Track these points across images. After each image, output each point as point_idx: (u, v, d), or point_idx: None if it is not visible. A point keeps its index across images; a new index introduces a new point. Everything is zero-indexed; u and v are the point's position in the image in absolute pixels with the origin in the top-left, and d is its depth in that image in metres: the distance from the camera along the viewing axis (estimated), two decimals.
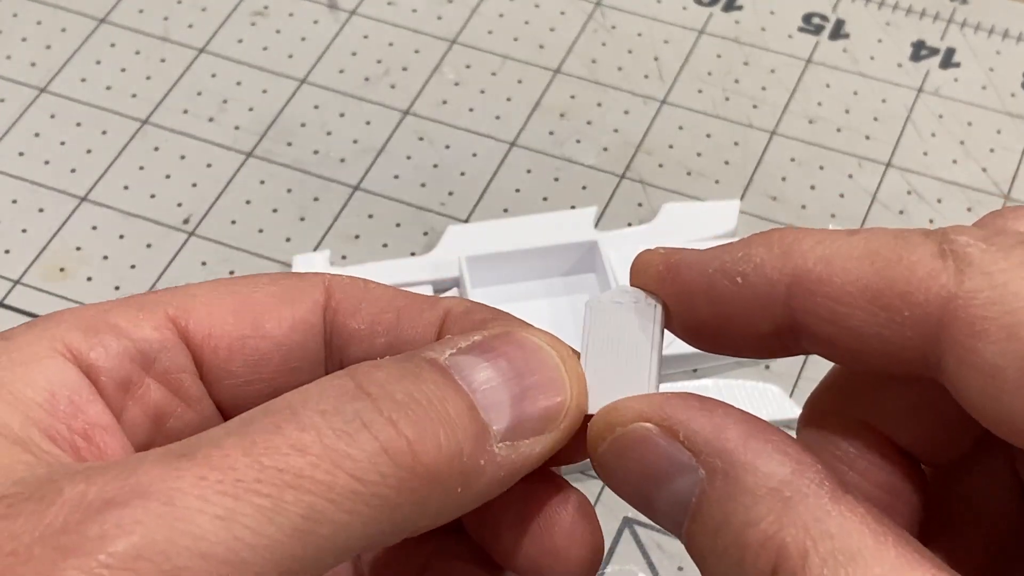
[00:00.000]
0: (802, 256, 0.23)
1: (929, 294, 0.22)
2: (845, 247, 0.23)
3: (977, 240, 0.23)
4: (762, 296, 0.24)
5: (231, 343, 0.26)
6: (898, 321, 0.23)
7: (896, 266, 0.23)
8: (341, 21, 0.55)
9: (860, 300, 0.23)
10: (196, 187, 0.50)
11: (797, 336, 0.24)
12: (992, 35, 0.55)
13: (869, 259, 0.23)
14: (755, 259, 0.24)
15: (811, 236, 0.24)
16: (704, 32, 0.55)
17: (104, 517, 0.20)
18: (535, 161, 0.51)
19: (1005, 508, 0.25)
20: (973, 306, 0.22)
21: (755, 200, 0.50)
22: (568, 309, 0.46)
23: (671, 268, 0.25)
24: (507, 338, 0.25)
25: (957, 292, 0.22)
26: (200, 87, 0.53)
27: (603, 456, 0.24)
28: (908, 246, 0.23)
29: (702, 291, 0.24)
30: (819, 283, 0.23)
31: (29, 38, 0.54)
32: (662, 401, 0.24)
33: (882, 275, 0.23)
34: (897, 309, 0.23)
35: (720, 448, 0.23)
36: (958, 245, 0.23)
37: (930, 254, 0.23)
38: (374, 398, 0.22)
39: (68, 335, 0.24)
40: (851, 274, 0.23)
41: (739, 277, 0.24)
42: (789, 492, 0.22)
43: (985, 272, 0.22)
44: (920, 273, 0.23)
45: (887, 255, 0.23)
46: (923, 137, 0.52)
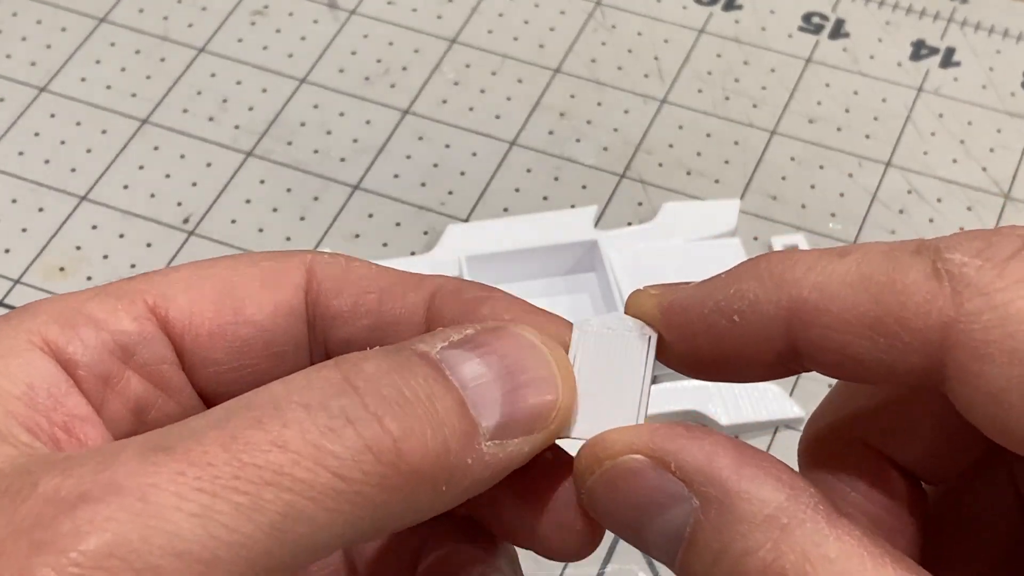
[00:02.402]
0: (796, 285, 0.23)
1: (928, 319, 0.22)
2: (838, 272, 0.23)
3: (971, 257, 0.22)
4: (761, 331, 0.23)
5: (212, 331, 0.25)
6: (899, 347, 0.22)
7: (891, 291, 0.22)
8: (341, 20, 0.55)
9: (859, 328, 0.23)
10: (196, 186, 0.50)
11: (799, 361, 0.24)
12: (992, 34, 0.55)
13: (863, 285, 0.23)
14: (748, 295, 0.23)
15: (802, 262, 0.23)
16: (704, 31, 0.55)
17: (77, 513, 0.19)
18: (535, 161, 0.51)
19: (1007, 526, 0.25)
20: (975, 330, 0.22)
21: (755, 199, 0.50)
22: (568, 309, 0.46)
23: (666, 312, 0.25)
24: (500, 333, 0.25)
25: (957, 316, 0.22)
26: (200, 86, 0.53)
27: (592, 489, 0.24)
28: (901, 268, 0.23)
29: (701, 333, 0.24)
30: (816, 313, 0.23)
31: (29, 37, 0.54)
32: (651, 432, 0.23)
33: (878, 302, 0.22)
34: (897, 335, 0.22)
35: (713, 476, 0.22)
36: (952, 264, 0.22)
37: (924, 275, 0.22)
38: (360, 392, 0.22)
39: (45, 328, 0.24)
40: (847, 302, 0.23)
41: (736, 316, 0.24)
42: (786, 518, 0.22)
43: (983, 293, 0.22)
44: (917, 298, 0.22)
45: (881, 279, 0.23)
46: (923, 136, 0.52)
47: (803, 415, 0.44)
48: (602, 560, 0.41)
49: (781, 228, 0.49)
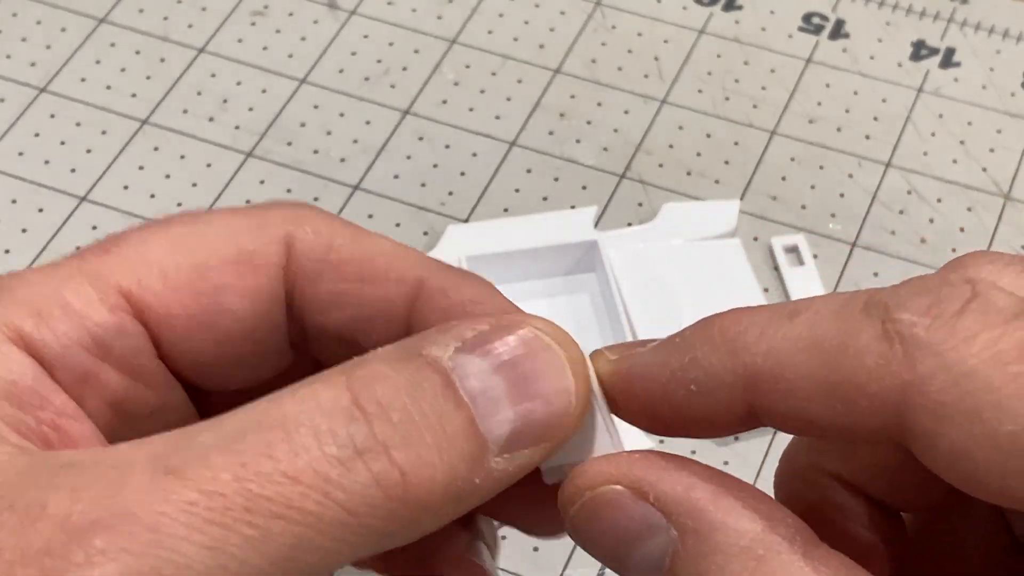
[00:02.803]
0: (748, 353, 0.23)
1: (883, 383, 0.22)
2: (789, 338, 0.23)
3: (920, 316, 0.22)
4: (719, 399, 0.23)
5: (189, 321, 0.25)
6: (857, 412, 0.22)
7: (844, 356, 0.22)
8: (341, 21, 0.55)
9: (815, 395, 0.23)
10: (196, 187, 0.50)
11: (760, 420, 0.24)
12: (992, 35, 0.55)
13: (815, 351, 0.23)
14: (703, 364, 0.23)
15: (754, 326, 0.23)
16: (704, 32, 0.55)
17: (89, 542, 0.19)
18: (535, 161, 0.51)
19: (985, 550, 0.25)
20: (930, 391, 0.22)
21: (755, 200, 0.50)
22: (568, 309, 0.46)
23: (623, 380, 0.25)
24: (512, 333, 0.24)
25: (911, 379, 0.22)
26: (200, 87, 0.53)
27: (575, 519, 0.24)
28: (851, 330, 0.22)
29: (659, 401, 0.24)
30: (772, 381, 0.23)
31: (29, 38, 0.54)
32: (630, 462, 0.23)
33: (831, 368, 0.22)
34: (853, 401, 0.22)
35: (690, 508, 0.23)
36: (902, 325, 0.22)
37: (875, 338, 0.22)
38: (370, 418, 0.22)
39: (20, 322, 0.23)
40: (800, 369, 0.23)
41: (692, 385, 0.24)
42: (762, 549, 0.22)
43: (935, 353, 0.22)
44: (869, 362, 0.22)
45: (832, 343, 0.22)
46: (923, 137, 0.52)
47: None
48: None
49: (781, 228, 0.49)
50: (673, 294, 0.46)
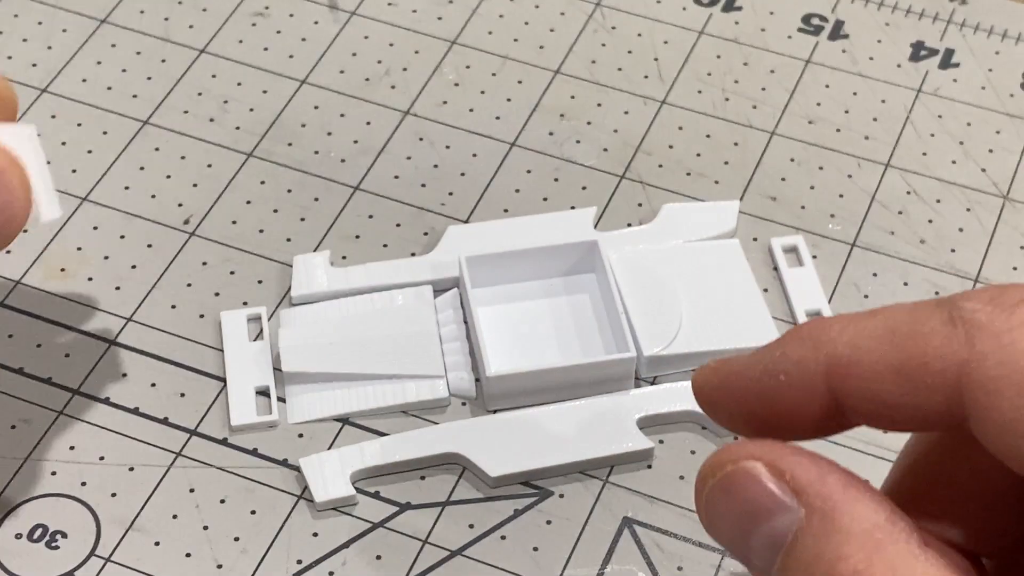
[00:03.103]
0: (831, 343, 0.26)
1: (945, 361, 0.25)
2: (867, 329, 0.26)
3: (983, 304, 0.25)
4: (805, 387, 0.26)
5: None
6: (923, 389, 0.25)
7: (913, 339, 0.25)
8: (341, 22, 0.55)
9: (887, 375, 0.25)
10: (197, 187, 0.50)
11: (843, 414, 0.26)
12: (991, 35, 0.55)
13: (889, 337, 0.26)
14: (792, 356, 0.27)
15: (837, 323, 0.27)
16: (704, 33, 0.55)
17: None
18: (535, 161, 0.51)
19: None
20: (985, 367, 0.24)
21: (755, 200, 0.50)
22: (568, 309, 0.46)
23: (721, 377, 0.28)
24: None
25: (969, 356, 0.25)
26: (201, 87, 0.53)
27: (711, 492, 0.26)
28: (921, 319, 0.25)
29: (752, 395, 0.27)
30: (850, 366, 0.26)
31: (30, 38, 0.55)
32: (772, 446, 0.26)
33: (902, 350, 0.25)
34: (920, 378, 0.25)
35: (822, 490, 0.25)
36: (966, 311, 0.25)
37: (941, 322, 0.25)
38: None
39: None
40: (875, 353, 0.26)
41: (782, 375, 0.27)
42: (881, 535, 0.24)
43: (992, 334, 0.24)
44: (934, 343, 0.25)
45: (904, 330, 0.25)
46: (922, 137, 0.52)
47: None
48: (602, 560, 0.41)
49: (781, 229, 0.49)
50: (673, 294, 0.46)
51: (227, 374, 0.45)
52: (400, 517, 0.42)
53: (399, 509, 0.42)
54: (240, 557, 0.41)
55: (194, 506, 0.42)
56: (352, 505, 0.42)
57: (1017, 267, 0.48)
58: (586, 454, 0.43)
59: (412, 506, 0.42)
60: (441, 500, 0.42)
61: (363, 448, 0.43)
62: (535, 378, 0.43)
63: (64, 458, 0.43)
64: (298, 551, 0.41)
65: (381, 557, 0.41)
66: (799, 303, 0.47)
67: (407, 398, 0.44)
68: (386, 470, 0.43)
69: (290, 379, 0.44)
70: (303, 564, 0.41)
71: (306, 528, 0.42)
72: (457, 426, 0.43)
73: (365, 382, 0.44)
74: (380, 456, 0.43)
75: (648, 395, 0.44)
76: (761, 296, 0.47)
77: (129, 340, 0.46)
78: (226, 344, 0.45)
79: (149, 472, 0.43)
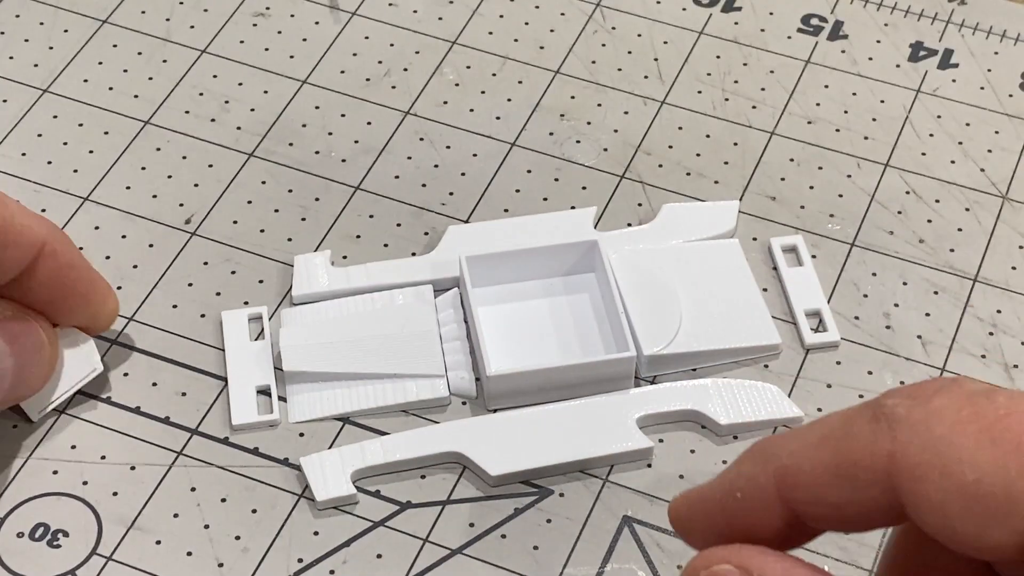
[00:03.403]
0: (777, 457, 0.28)
1: (874, 456, 0.27)
2: (806, 438, 0.28)
3: (902, 398, 0.27)
4: (760, 501, 0.28)
5: None
6: (860, 485, 0.27)
7: (844, 440, 0.27)
8: (342, 22, 0.56)
9: (826, 478, 0.27)
10: (198, 187, 0.50)
11: (802, 522, 0.28)
12: (990, 36, 0.55)
13: (824, 442, 0.28)
14: (746, 474, 0.29)
15: (782, 438, 0.29)
16: (703, 33, 0.55)
17: None
18: (535, 161, 0.51)
19: None
20: (908, 455, 0.26)
21: (754, 200, 0.50)
22: (568, 309, 0.46)
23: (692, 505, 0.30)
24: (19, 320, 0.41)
25: (893, 448, 0.26)
26: (202, 88, 0.53)
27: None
28: (850, 421, 0.28)
29: (720, 514, 0.29)
30: (795, 475, 0.28)
31: (32, 39, 0.55)
32: (741, 550, 0.28)
33: (836, 452, 0.27)
34: (854, 475, 0.27)
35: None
36: (887, 407, 0.27)
37: (866, 421, 0.27)
38: None
39: None
40: (814, 460, 0.28)
41: (738, 492, 0.29)
42: None
43: (911, 424, 0.26)
44: (862, 440, 0.27)
45: (837, 434, 0.28)
46: (921, 137, 0.52)
47: (801, 415, 0.44)
48: (602, 559, 0.41)
49: (780, 229, 0.49)
50: (673, 294, 0.46)
51: (228, 373, 0.45)
52: (400, 516, 0.42)
53: (399, 508, 0.42)
54: (241, 556, 0.41)
55: (195, 505, 0.42)
56: (353, 504, 0.42)
57: (1016, 267, 0.48)
58: (586, 453, 0.43)
59: (412, 505, 0.42)
60: (441, 499, 0.42)
61: (364, 447, 0.43)
62: (535, 378, 0.43)
63: (65, 457, 0.43)
64: (299, 550, 0.41)
65: (382, 556, 0.41)
66: (798, 303, 0.47)
67: (407, 397, 0.44)
68: (386, 469, 0.43)
69: (291, 378, 0.45)
70: (304, 563, 0.41)
71: (307, 527, 0.42)
72: (457, 425, 0.44)
73: (365, 381, 0.44)
74: (380, 455, 0.43)
75: (648, 394, 0.44)
76: (760, 296, 0.47)
77: (130, 339, 0.46)
78: (227, 343, 0.45)
79: (150, 471, 0.43)
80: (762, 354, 0.46)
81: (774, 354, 0.46)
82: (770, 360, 0.46)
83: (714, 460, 0.43)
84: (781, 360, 0.46)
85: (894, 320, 0.47)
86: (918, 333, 0.46)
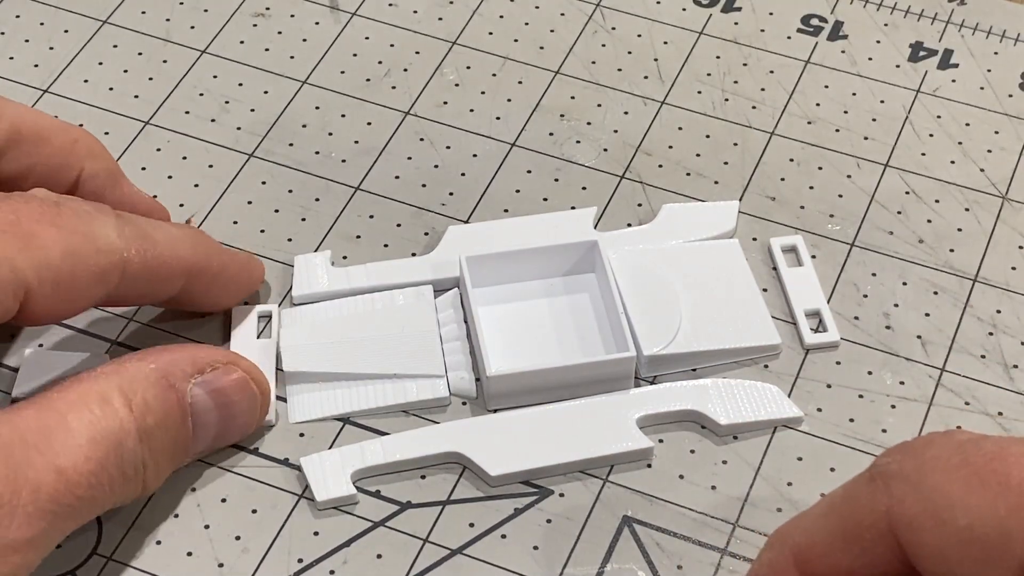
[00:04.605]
0: (791, 536, 0.31)
1: (874, 515, 0.28)
2: (814, 514, 0.30)
3: (895, 456, 0.28)
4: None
5: None
6: (867, 545, 0.28)
7: (846, 506, 0.29)
8: (342, 22, 0.56)
9: (837, 544, 0.29)
10: (198, 187, 0.50)
11: None
12: (990, 36, 0.55)
13: (830, 512, 0.30)
14: (768, 562, 0.31)
15: (796, 520, 0.31)
16: (703, 33, 0.55)
17: None
18: (535, 161, 0.51)
19: None
20: (904, 507, 0.27)
21: (754, 200, 0.50)
22: (568, 309, 0.46)
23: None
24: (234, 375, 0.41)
25: (890, 503, 0.28)
26: (202, 88, 0.53)
27: None
28: (851, 488, 0.29)
29: None
30: (809, 549, 0.30)
31: (32, 39, 0.55)
32: None
33: (841, 519, 0.29)
34: (860, 536, 0.28)
35: None
36: (881, 466, 0.29)
37: (864, 483, 0.29)
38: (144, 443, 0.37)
39: None
40: (823, 532, 0.29)
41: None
42: None
43: (905, 479, 0.28)
44: (862, 502, 0.28)
45: (840, 502, 0.29)
46: (921, 138, 0.52)
47: (801, 415, 0.44)
48: (602, 559, 0.41)
49: (780, 229, 0.49)
50: (673, 294, 0.46)
51: None
52: (401, 516, 0.42)
53: (400, 508, 0.42)
54: (241, 556, 0.41)
55: (195, 505, 0.42)
56: (353, 504, 0.42)
57: (1016, 267, 0.48)
58: (586, 453, 0.43)
59: (412, 505, 0.42)
60: (441, 499, 0.42)
61: (364, 447, 0.43)
62: (535, 378, 0.44)
63: None
64: (299, 550, 0.41)
65: (382, 556, 0.41)
66: (798, 303, 0.47)
67: (408, 398, 0.44)
68: (387, 469, 0.43)
69: (291, 379, 0.45)
70: (304, 563, 0.41)
71: (307, 527, 0.42)
72: (457, 425, 0.44)
73: (366, 382, 0.44)
74: (381, 455, 0.43)
75: (648, 395, 0.44)
76: (760, 296, 0.47)
77: (131, 340, 0.46)
78: (233, 343, 0.45)
79: None
80: (762, 354, 0.46)
81: (774, 354, 0.46)
82: (770, 360, 0.46)
83: (714, 460, 0.43)
84: (781, 360, 0.46)
85: (894, 320, 0.47)
86: (918, 333, 0.46)
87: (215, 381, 0.40)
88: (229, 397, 0.40)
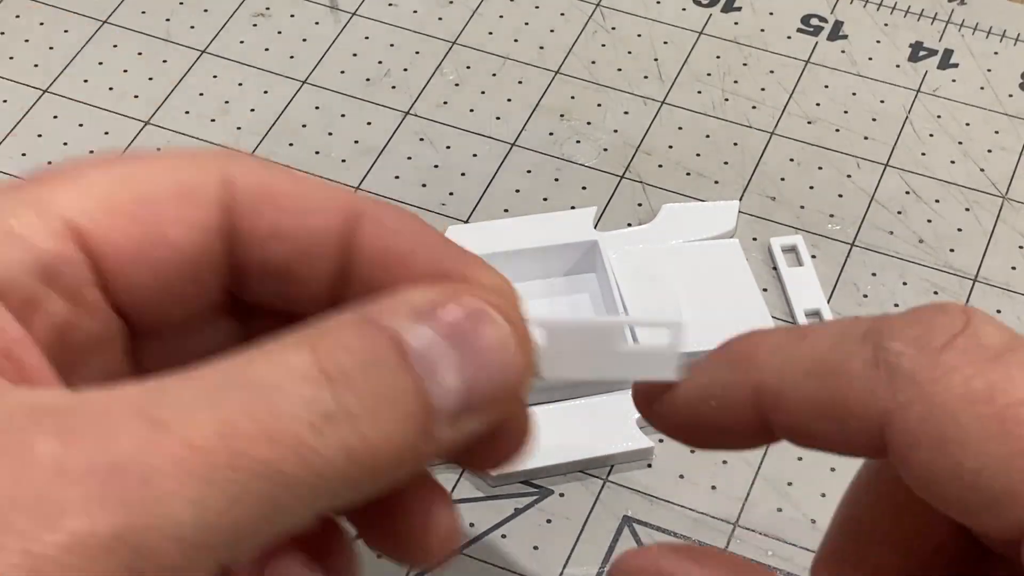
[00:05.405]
0: (758, 371, 0.26)
1: (868, 408, 0.24)
2: (794, 359, 0.26)
3: (907, 346, 0.24)
4: (735, 413, 0.27)
5: (130, 251, 0.26)
6: (848, 430, 0.25)
7: (837, 378, 0.25)
8: (342, 22, 0.56)
9: (812, 413, 0.25)
10: None
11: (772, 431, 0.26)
12: (990, 36, 0.55)
13: (814, 373, 0.25)
14: (721, 383, 0.27)
15: (766, 344, 0.26)
16: (703, 33, 0.55)
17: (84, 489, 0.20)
18: (535, 161, 0.51)
19: None
20: (906, 419, 0.24)
21: (754, 200, 0.50)
22: (568, 309, 0.46)
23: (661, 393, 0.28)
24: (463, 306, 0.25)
25: (891, 405, 0.24)
26: (202, 88, 0.53)
27: None
28: (847, 356, 0.25)
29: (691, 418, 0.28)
30: (776, 399, 0.26)
31: (32, 39, 0.55)
32: (659, 555, 0.26)
33: (826, 388, 0.25)
34: (844, 420, 0.25)
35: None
36: (890, 354, 0.24)
37: (865, 364, 0.24)
38: (335, 385, 0.22)
39: None
40: (801, 389, 0.25)
41: (712, 401, 0.27)
42: None
43: (915, 384, 0.24)
44: (858, 387, 0.24)
45: (829, 367, 0.25)
46: (921, 137, 0.52)
47: None
48: (602, 559, 0.41)
49: (780, 229, 0.49)
50: (673, 294, 0.46)
51: None
52: None
53: None
54: None
55: None
56: None
57: (1016, 267, 0.48)
58: (586, 453, 0.43)
59: None
60: None
61: None
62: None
63: None
64: None
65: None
66: (798, 303, 0.47)
67: None
68: None
69: None
70: None
71: None
72: None
73: None
74: None
75: None
76: (761, 296, 0.47)
77: None
78: None
79: None
80: None
81: None
82: None
83: (714, 460, 0.43)
84: None
85: None
86: None
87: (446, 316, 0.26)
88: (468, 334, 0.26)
